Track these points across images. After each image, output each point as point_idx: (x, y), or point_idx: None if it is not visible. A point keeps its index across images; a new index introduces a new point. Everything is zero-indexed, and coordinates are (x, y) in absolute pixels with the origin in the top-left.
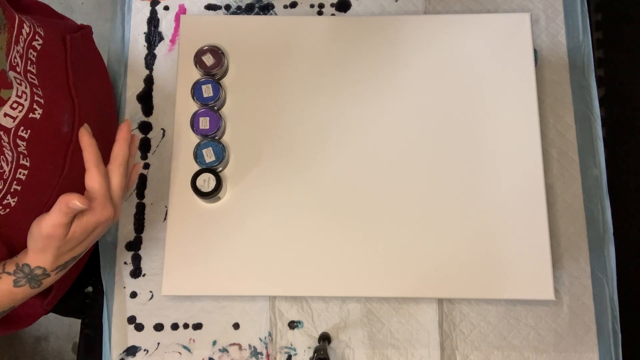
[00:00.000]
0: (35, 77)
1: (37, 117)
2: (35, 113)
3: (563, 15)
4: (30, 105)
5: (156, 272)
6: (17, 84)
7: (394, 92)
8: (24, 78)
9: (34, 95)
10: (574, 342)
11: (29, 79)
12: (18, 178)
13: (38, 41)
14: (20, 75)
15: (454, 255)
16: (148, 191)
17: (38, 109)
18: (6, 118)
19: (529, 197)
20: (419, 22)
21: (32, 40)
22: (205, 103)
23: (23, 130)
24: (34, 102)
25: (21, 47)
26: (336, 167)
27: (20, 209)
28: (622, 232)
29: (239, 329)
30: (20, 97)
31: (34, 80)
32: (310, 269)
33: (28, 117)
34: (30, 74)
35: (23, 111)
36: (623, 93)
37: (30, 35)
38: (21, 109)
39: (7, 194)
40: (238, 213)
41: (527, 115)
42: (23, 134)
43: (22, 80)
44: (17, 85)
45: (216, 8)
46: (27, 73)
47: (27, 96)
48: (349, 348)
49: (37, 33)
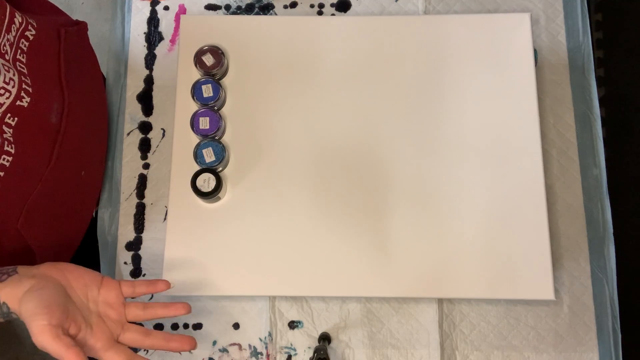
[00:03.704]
0: (25, 66)
1: (25, 105)
2: (22, 101)
3: (563, 15)
4: (17, 92)
5: (156, 272)
6: (4, 70)
7: (394, 92)
8: (12, 66)
9: (22, 83)
10: (574, 342)
11: (18, 67)
12: (1, 164)
13: (31, 31)
14: (9, 62)
15: (454, 255)
16: (148, 191)
17: (26, 97)
18: None
19: (529, 197)
20: (419, 22)
21: (25, 30)
22: (205, 103)
23: (10, 117)
24: (22, 90)
25: (12, 36)
26: (336, 166)
27: (4, 196)
28: (622, 232)
29: (239, 329)
30: (8, 84)
31: (23, 69)
32: (310, 269)
33: (15, 105)
34: (19, 62)
35: (10, 98)
36: (623, 93)
37: (22, 25)
38: (8, 95)
39: None
40: (238, 213)
41: (527, 115)
42: (10, 121)
43: (10, 68)
44: (5, 72)
45: (216, 8)
46: (16, 61)
47: (15, 83)
48: (349, 348)
49: (29, 24)
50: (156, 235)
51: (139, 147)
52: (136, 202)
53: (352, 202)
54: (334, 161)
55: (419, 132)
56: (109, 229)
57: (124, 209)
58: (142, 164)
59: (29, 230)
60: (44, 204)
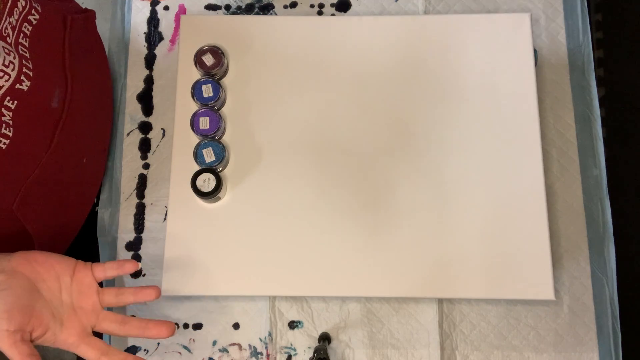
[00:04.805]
0: (27, 50)
1: (25, 89)
2: (22, 84)
3: (563, 15)
4: (17, 76)
5: (156, 272)
6: (5, 53)
7: (393, 92)
8: (14, 49)
9: (23, 67)
10: (574, 342)
11: (20, 51)
12: None
13: (34, 16)
14: (10, 45)
15: (454, 255)
16: (148, 191)
17: (26, 80)
18: None
19: (529, 197)
20: (419, 22)
21: (28, 14)
22: (205, 103)
23: (9, 101)
24: (22, 73)
25: (14, 19)
26: (336, 166)
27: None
28: (622, 232)
29: (239, 329)
30: (7, 67)
31: (24, 52)
32: (310, 269)
33: (15, 88)
34: (21, 46)
35: (9, 81)
36: (623, 93)
37: (25, 9)
38: (7, 78)
39: None
40: (238, 213)
41: (527, 115)
42: (9, 104)
43: (10, 51)
44: (5, 54)
45: (216, 8)
46: (18, 45)
47: (15, 66)
48: (349, 348)
49: (33, 8)
50: (156, 235)
51: (139, 147)
52: (136, 202)
53: (352, 201)
54: (333, 161)
55: (418, 132)
56: (109, 229)
57: (124, 209)
58: (142, 164)
59: (25, 213)
60: (42, 188)
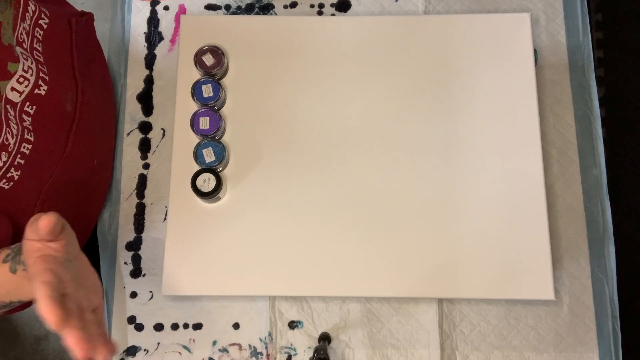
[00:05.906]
0: (41, 54)
1: (42, 94)
2: (40, 89)
3: (563, 15)
4: (35, 81)
5: (156, 272)
6: (23, 59)
7: (394, 92)
8: (30, 54)
9: (39, 71)
10: (574, 342)
11: (35, 56)
12: (22, 152)
13: (44, 20)
14: (27, 51)
15: (454, 255)
16: (148, 191)
17: (43, 85)
18: (13, 92)
19: (529, 197)
20: (419, 22)
21: (39, 19)
22: (205, 103)
23: (29, 106)
24: (40, 78)
25: (27, 25)
26: (336, 167)
27: (23, 183)
28: (622, 232)
29: (239, 329)
30: (27, 72)
31: (39, 57)
32: (310, 269)
33: (34, 93)
34: (36, 51)
35: (29, 86)
36: (623, 93)
37: (36, 14)
38: (27, 83)
39: (11, 167)
40: (238, 213)
41: (527, 115)
42: (29, 109)
43: (28, 56)
44: (24, 60)
45: (216, 8)
46: (33, 50)
47: (33, 72)
48: (349, 348)
49: (42, 12)
50: (156, 235)
51: (139, 147)
52: (136, 202)
53: (352, 201)
54: (333, 161)
55: (418, 133)
56: (109, 229)
57: (124, 209)
58: (142, 164)
59: None
60: (60, 191)
